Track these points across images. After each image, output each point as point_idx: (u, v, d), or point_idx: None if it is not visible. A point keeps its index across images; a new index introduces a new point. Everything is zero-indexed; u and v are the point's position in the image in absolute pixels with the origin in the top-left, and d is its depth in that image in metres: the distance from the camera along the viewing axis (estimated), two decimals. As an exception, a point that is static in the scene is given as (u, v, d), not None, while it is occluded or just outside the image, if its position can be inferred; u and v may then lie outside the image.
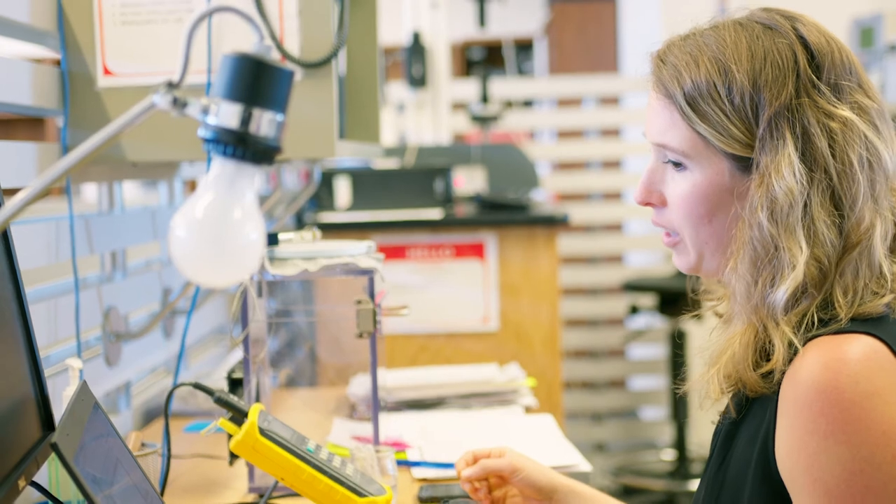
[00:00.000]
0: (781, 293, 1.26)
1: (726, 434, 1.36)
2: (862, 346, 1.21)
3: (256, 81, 1.05)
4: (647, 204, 1.39)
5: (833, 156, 1.27)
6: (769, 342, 1.27)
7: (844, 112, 1.28)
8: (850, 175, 1.27)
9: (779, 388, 1.25)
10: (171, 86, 1.06)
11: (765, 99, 1.28)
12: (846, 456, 1.18)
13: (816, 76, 1.29)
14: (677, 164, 1.34)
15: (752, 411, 1.32)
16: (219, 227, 1.06)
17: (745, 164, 1.30)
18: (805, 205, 1.26)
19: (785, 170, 1.26)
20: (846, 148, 1.27)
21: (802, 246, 1.25)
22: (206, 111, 1.06)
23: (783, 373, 1.25)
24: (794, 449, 1.22)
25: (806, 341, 1.24)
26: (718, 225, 1.33)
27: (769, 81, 1.28)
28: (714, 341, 1.38)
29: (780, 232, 1.26)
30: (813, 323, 1.25)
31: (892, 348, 1.22)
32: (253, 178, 1.08)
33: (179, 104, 1.06)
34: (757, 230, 1.27)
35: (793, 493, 1.23)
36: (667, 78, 1.33)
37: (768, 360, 1.27)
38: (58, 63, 2.04)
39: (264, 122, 1.06)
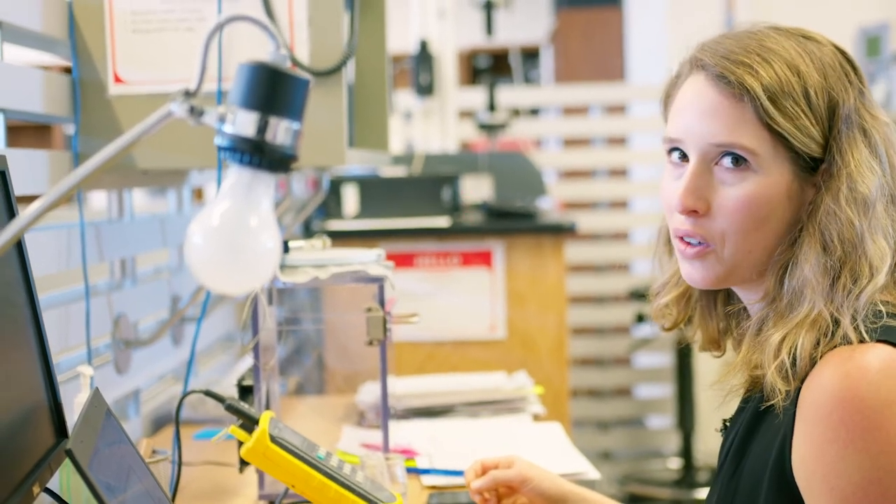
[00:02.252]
0: (870, 289, 1.25)
1: (740, 443, 1.36)
2: (881, 355, 1.21)
3: (273, 90, 1.06)
4: (692, 212, 1.33)
5: (888, 159, 1.31)
6: (832, 332, 1.24)
7: (884, 117, 1.32)
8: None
9: (797, 397, 1.24)
10: (187, 94, 1.06)
11: (836, 100, 1.30)
12: (865, 464, 1.19)
13: (860, 83, 1.33)
14: (737, 166, 1.30)
15: (765, 422, 1.31)
16: (235, 234, 1.07)
17: (809, 166, 1.30)
18: (879, 205, 1.28)
19: (865, 169, 1.28)
20: (892, 152, 1.32)
21: (888, 243, 1.27)
22: (222, 120, 1.07)
23: (802, 381, 1.24)
24: (812, 456, 1.22)
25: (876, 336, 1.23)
26: (769, 230, 1.31)
27: (835, 83, 1.30)
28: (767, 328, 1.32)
29: (865, 227, 1.27)
30: (882, 315, 1.25)
31: None
32: (269, 187, 1.09)
33: (196, 113, 1.07)
34: (838, 225, 1.27)
35: (808, 500, 1.23)
36: (740, 73, 1.29)
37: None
38: (69, 71, 2.05)
39: (280, 131, 1.07)
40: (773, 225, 1.31)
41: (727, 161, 1.31)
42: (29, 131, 4.59)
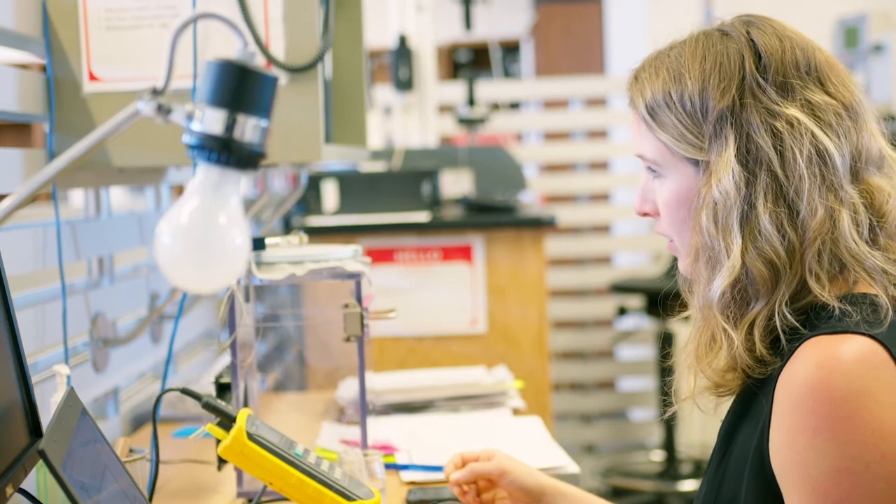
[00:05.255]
0: (716, 287, 1.31)
1: (727, 430, 1.38)
2: (857, 346, 1.22)
3: (240, 87, 1.06)
4: (646, 214, 1.44)
5: (779, 154, 1.30)
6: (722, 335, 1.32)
7: (790, 111, 1.31)
8: (795, 172, 1.29)
9: (775, 384, 1.26)
10: (155, 92, 1.06)
11: (711, 102, 1.32)
12: (835, 454, 1.20)
13: (763, 77, 1.33)
14: (655, 173, 1.40)
15: (752, 409, 1.33)
16: (203, 232, 1.06)
17: (704, 168, 1.34)
18: (746, 205, 1.30)
19: (723, 172, 1.30)
20: (792, 146, 1.30)
21: (738, 242, 1.29)
22: (190, 117, 1.06)
23: (781, 367, 1.26)
24: (785, 445, 1.23)
25: (798, 339, 1.25)
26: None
27: (715, 85, 1.33)
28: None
29: (718, 232, 1.31)
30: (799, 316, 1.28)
31: (891, 351, 1.22)
32: (237, 184, 1.09)
33: (164, 110, 1.06)
34: (699, 231, 1.33)
35: (783, 488, 1.24)
36: (634, 92, 1.40)
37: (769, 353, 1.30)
38: (43, 69, 2.04)
39: (248, 128, 1.06)
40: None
41: (649, 168, 1.42)
42: (9, 130, 4.57)
